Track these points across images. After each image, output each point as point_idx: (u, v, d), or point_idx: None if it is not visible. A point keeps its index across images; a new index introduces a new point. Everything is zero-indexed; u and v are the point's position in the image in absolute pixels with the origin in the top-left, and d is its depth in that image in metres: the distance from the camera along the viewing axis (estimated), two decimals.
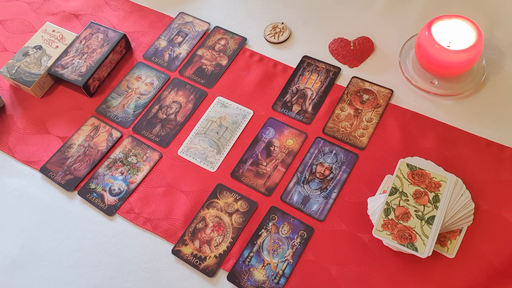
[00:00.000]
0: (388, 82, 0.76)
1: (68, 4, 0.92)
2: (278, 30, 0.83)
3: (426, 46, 0.69)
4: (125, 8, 0.90)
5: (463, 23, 0.70)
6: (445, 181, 0.61)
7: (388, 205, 0.60)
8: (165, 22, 0.87)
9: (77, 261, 0.64)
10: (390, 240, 0.58)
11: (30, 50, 0.81)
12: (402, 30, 0.80)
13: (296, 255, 0.62)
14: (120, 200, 0.69)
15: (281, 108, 0.75)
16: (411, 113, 0.72)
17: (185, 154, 0.72)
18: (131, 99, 0.78)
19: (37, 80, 0.78)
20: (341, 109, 0.74)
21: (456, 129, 0.70)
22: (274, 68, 0.79)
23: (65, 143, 0.75)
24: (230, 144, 0.72)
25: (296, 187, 0.67)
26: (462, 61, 0.68)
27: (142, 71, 0.81)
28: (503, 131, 0.69)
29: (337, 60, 0.79)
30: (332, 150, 0.70)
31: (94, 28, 0.83)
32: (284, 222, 0.65)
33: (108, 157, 0.73)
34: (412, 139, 0.70)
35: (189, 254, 0.63)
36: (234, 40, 0.83)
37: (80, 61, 0.79)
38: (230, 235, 0.64)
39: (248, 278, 0.61)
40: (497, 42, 0.78)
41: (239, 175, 0.69)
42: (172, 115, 0.76)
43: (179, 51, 0.83)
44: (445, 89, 0.73)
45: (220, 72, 0.80)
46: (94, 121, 0.77)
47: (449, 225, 0.60)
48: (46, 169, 0.72)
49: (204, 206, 0.67)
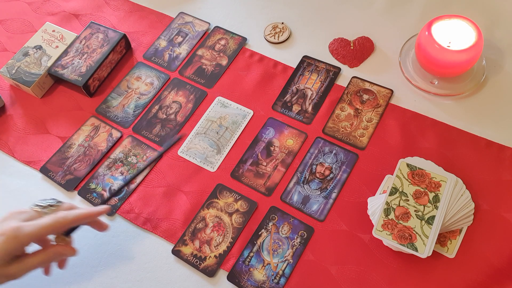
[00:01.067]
0: (388, 82, 0.76)
1: (68, 4, 0.92)
2: (278, 30, 0.83)
3: (426, 46, 0.69)
4: (125, 8, 0.90)
5: (463, 23, 0.70)
6: (445, 181, 0.61)
7: (388, 205, 0.60)
8: (165, 22, 0.87)
9: (77, 261, 0.64)
10: (390, 240, 0.58)
11: (30, 50, 0.81)
12: (402, 30, 0.80)
13: (296, 255, 0.62)
14: (120, 200, 0.69)
15: (281, 108, 0.75)
16: (411, 113, 0.72)
17: (185, 154, 0.72)
18: (131, 99, 0.78)
19: (37, 80, 0.78)
20: (341, 109, 0.74)
21: (456, 129, 0.70)
22: (274, 68, 0.79)
23: (65, 143, 0.75)
24: (230, 144, 0.72)
25: (296, 187, 0.67)
26: (462, 61, 0.68)
27: (142, 71, 0.81)
28: (503, 131, 0.69)
29: (337, 60, 0.79)
30: (332, 150, 0.70)
31: (94, 28, 0.83)
32: (284, 222, 0.65)
33: (108, 157, 0.73)
34: (412, 139, 0.70)
35: (189, 254, 0.63)
36: (234, 40, 0.83)
37: (80, 61, 0.79)
38: (230, 235, 0.64)
39: (248, 278, 0.61)
40: (497, 42, 0.78)
41: (239, 175, 0.69)
42: (172, 115, 0.76)
43: (179, 51, 0.83)
44: (445, 89, 0.73)
45: (220, 72, 0.80)
46: (94, 121, 0.77)
47: (449, 225, 0.60)
48: (46, 169, 0.72)
49: (204, 206, 0.67)
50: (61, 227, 0.54)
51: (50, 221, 0.53)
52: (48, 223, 0.52)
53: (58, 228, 0.53)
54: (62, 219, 0.53)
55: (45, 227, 0.52)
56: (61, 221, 0.53)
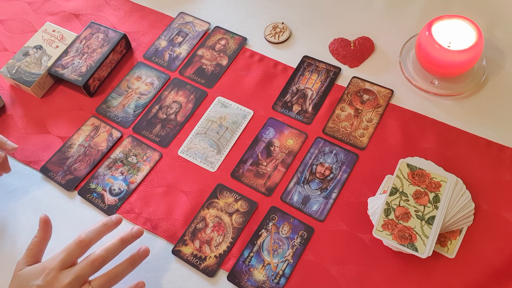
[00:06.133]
0: (388, 82, 0.76)
1: (68, 4, 0.92)
2: (278, 30, 0.83)
3: (427, 46, 0.69)
4: (125, 8, 0.90)
5: (464, 23, 0.70)
6: (445, 181, 0.61)
7: (388, 205, 0.60)
8: (165, 22, 0.87)
9: None
10: (390, 240, 0.58)
11: (30, 50, 0.81)
12: (403, 30, 0.80)
13: (296, 255, 0.62)
14: (120, 200, 0.69)
15: (281, 108, 0.75)
16: (411, 113, 0.72)
17: (185, 154, 0.72)
18: (131, 99, 0.78)
19: (37, 80, 0.78)
20: (341, 109, 0.74)
21: (456, 129, 0.70)
22: (274, 68, 0.79)
23: (65, 143, 0.75)
24: (230, 144, 0.72)
25: (296, 187, 0.67)
26: (462, 61, 0.68)
27: (142, 71, 0.81)
28: (503, 131, 0.69)
29: (337, 60, 0.79)
30: (332, 150, 0.70)
31: (94, 28, 0.83)
32: (284, 222, 0.65)
33: (108, 157, 0.73)
34: (412, 139, 0.70)
35: (189, 254, 0.63)
36: (234, 40, 0.83)
37: (80, 61, 0.79)
38: (230, 235, 0.64)
39: (248, 278, 0.61)
40: (498, 42, 0.78)
41: (239, 175, 0.69)
42: (172, 115, 0.76)
43: (179, 51, 0.83)
44: (445, 89, 0.73)
45: (220, 72, 0.80)
46: (94, 121, 0.77)
47: (449, 225, 0.60)
48: (46, 169, 0.72)
49: (204, 206, 0.67)
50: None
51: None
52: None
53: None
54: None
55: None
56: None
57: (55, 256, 0.55)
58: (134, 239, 0.58)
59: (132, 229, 0.58)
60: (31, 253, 0.57)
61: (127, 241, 0.57)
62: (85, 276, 0.54)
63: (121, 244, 0.56)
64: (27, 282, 0.53)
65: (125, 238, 0.57)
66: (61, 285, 0.52)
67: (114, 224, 0.58)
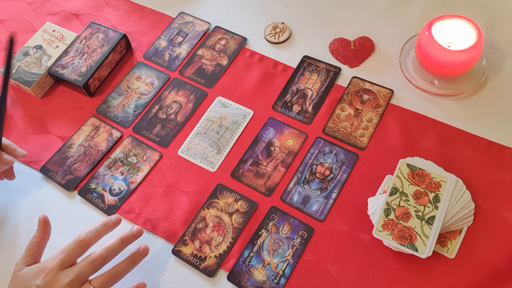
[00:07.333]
0: (388, 82, 0.76)
1: (68, 4, 0.92)
2: (278, 30, 0.83)
3: (427, 46, 0.69)
4: (125, 8, 0.90)
5: (464, 23, 0.70)
6: (445, 181, 0.61)
7: (388, 205, 0.60)
8: (165, 22, 0.87)
9: None
10: (390, 240, 0.58)
11: (30, 50, 0.81)
12: (403, 30, 0.80)
13: (296, 255, 0.62)
14: (120, 200, 0.69)
15: (281, 108, 0.75)
16: (411, 113, 0.72)
17: (185, 154, 0.72)
18: (131, 99, 0.78)
19: (37, 80, 0.78)
20: (341, 109, 0.74)
21: (456, 129, 0.70)
22: (274, 68, 0.79)
23: (65, 143, 0.75)
24: (230, 144, 0.72)
25: (296, 187, 0.67)
26: (463, 61, 0.68)
27: (142, 71, 0.81)
28: (503, 131, 0.69)
29: (337, 60, 0.79)
30: (332, 150, 0.70)
31: (94, 28, 0.83)
32: (284, 222, 0.65)
33: (108, 157, 0.73)
34: (412, 139, 0.70)
35: (189, 254, 0.63)
36: (234, 40, 0.83)
37: (80, 61, 0.79)
38: (230, 235, 0.64)
39: (248, 278, 0.61)
40: (498, 42, 0.78)
41: (239, 175, 0.69)
42: (172, 115, 0.76)
43: (179, 51, 0.83)
44: (445, 89, 0.73)
45: (220, 72, 0.80)
46: (94, 121, 0.77)
47: (449, 225, 0.60)
48: (46, 169, 0.72)
49: (204, 206, 0.67)
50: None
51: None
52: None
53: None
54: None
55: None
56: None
57: (54, 256, 0.55)
58: (134, 238, 0.58)
59: (132, 229, 0.58)
60: (30, 253, 0.57)
61: (128, 240, 0.57)
62: (85, 276, 0.54)
63: (121, 243, 0.56)
64: (26, 282, 0.53)
65: (125, 238, 0.57)
66: (61, 285, 0.52)
67: (113, 224, 0.58)
